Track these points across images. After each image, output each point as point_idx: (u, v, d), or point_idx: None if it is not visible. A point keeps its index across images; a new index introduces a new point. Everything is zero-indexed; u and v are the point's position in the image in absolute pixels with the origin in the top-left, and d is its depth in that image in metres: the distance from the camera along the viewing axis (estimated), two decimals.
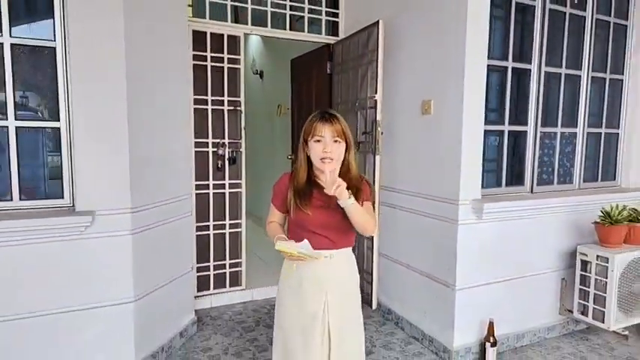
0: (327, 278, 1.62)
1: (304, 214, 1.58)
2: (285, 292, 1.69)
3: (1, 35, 2.00)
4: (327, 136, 1.54)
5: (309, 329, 1.60)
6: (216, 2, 3.16)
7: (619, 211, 2.66)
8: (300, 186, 1.62)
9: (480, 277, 2.59)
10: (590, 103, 3.07)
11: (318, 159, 1.56)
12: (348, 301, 1.67)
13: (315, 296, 1.61)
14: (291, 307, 1.66)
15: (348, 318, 1.67)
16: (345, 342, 1.63)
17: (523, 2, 2.68)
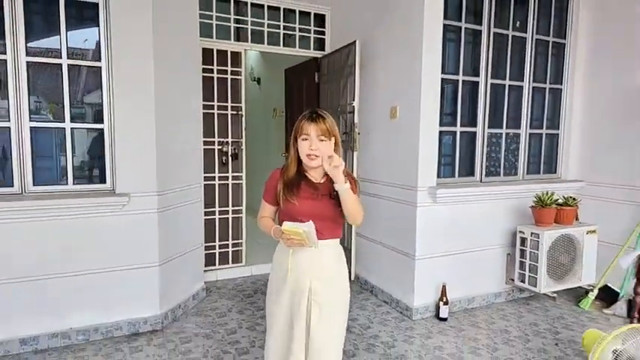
0: (311, 267, 1.72)
1: (291, 204, 1.71)
2: (273, 280, 1.83)
3: (61, 58, 2.70)
4: (313, 134, 1.67)
5: (295, 316, 1.71)
6: (221, 25, 3.87)
7: (549, 196, 3.36)
8: (290, 178, 1.75)
9: (436, 249, 3.28)
10: (533, 109, 3.78)
11: (304, 155, 1.70)
12: (333, 290, 1.76)
13: (300, 284, 1.72)
14: (279, 295, 1.77)
15: (332, 306, 1.75)
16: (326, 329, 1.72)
17: (471, 27, 3.38)
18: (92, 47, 2.81)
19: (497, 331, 3.12)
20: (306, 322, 1.71)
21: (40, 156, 2.75)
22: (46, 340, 2.70)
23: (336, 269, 1.79)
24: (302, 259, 1.72)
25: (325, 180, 1.75)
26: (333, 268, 1.78)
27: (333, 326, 1.76)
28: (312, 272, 1.72)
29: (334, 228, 1.77)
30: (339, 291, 1.80)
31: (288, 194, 1.71)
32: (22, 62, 2.60)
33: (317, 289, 1.72)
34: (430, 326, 3.17)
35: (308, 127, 1.68)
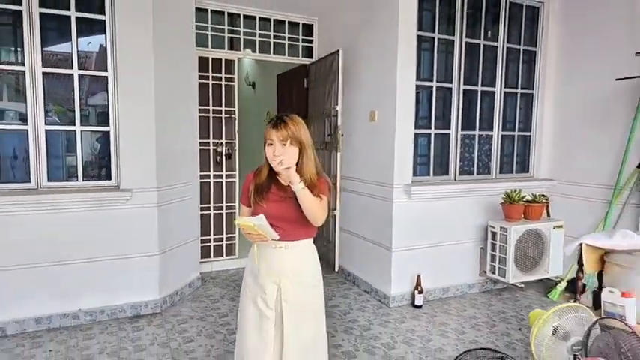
0: (281, 267, 1.80)
1: (260, 206, 1.79)
2: (246, 279, 1.91)
3: (72, 68, 3.11)
4: (276, 140, 1.73)
5: (265, 315, 1.79)
6: (216, 35, 4.27)
7: (516, 194, 3.72)
8: (260, 181, 1.84)
9: (411, 242, 3.65)
10: (505, 112, 4.15)
11: (270, 161, 1.75)
12: (303, 290, 1.83)
13: (270, 284, 1.80)
14: (250, 293, 1.85)
15: (303, 306, 1.82)
16: (300, 329, 1.80)
17: (444, 38, 3.76)
18: (96, 51, 3.22)
19: (467, 317, 3.49)
20: (277, 320, 1.79)
21: (53, 155, 3.15)
22: (58, 319, 3.10)
23: (306, 268, 1.87)
24: (272, 259, 1.81)
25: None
26: (303, 268, 1.85)
27: (306, 324, 1.82)
28: (281, 271, 1.80)
29: (303, 229, 1.82)
30: (310, 289, 1.86)
31: (257, 197, 1.81)
32: (39, 73, 3.01)
33: (286, 288, 1.79)
34: (405, 312, 3.53)
35: (271, 134, 1.75)
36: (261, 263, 1.81)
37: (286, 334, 1.78)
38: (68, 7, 3.05)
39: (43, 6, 2.99)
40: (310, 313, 1.86)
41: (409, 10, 3.45)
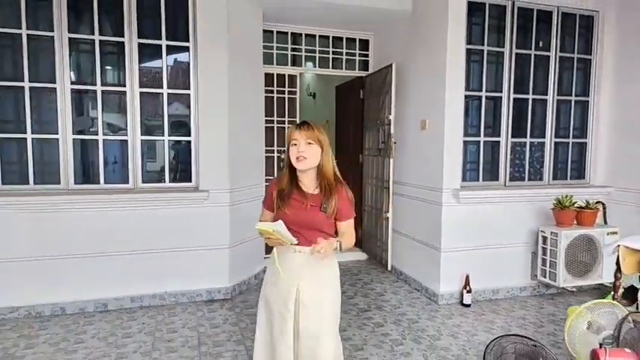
0: (300, 271, 1.88)
1: (283, 212, 1.87)
2: (267, 281, 2.00)
3: (162, 88, 3.73)
4: (300, 139, 1.86)
5: (284, 317, 1.87)
6: (280, 53, 4.78)
7: (568, 199, 3.81)
8: (283, 187, 1.92)
9: (459, 244, 3.87)
10: (559, 120, 4.23)
11: (294, 158, 1.87)
12: (320, 295, 1.90)
13: (289, 287, 1.88)
14: (270, 295, 1.94)
15: (320, 309, 1.89)
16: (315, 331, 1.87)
17: (494, 50, 3.96)
18: (182, 70, 3.82)
19: (515, 317, 3.64)
20: (295, 321, 1.87)
21: (146, 161, 3.78)
22: (148, 299, 3.70)
23: (324, 274, 1.93)
24: (292, 264, 1.88)
25: (318, 192, 1.92)
26: (321, 273, 1.92)
27: (321, 327, 1.89)
28: (300, 275, 1.88)
29: (323, 237, 1.84)
30: (328, 294, 1.93)
31: (280, 202, 1.89)
32: (137, 92, 3.66)
33: (304, 292, 1.87)
34: (453, 310, 3.75)
35: (296, 134, 1.88)
36: (281, 267, 1.88)
37: (301, 335, 1.87)
38: (160, 37, 3.68)
39: (141, 37, 3.64)
40: (326, 315, 1.92)
41: (457, 26, 3.71)
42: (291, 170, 1.93)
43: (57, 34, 3.45)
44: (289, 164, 1.92)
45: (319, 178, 1.91)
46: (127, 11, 3.57)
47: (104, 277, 3.60)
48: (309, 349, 1.88)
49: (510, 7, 3.93)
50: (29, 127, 3.47)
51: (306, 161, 1.85)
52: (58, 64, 3.47)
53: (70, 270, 3.52)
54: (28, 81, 3.43)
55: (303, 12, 4.35)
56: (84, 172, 3.70)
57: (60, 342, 3.07)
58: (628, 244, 2.70)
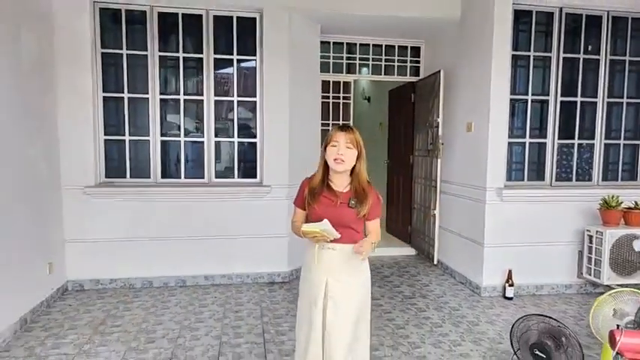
0: (329, 267, 1.98)
1: (313, 208, 1.99)
2: (303, 275, 2.13)
3: (233, 96, 4.35)
4: (341, 141, 1.95)
5: (313, 309, 1.98)
6: (336, 62, 5.27)
7: (614, 199, 3.92)
8: (315, 185, 2.03)
9: (502, 240, 4.10)
10: (610, 122, 4.32)
11: (332, 159, 1.96)
12: (348, 289, 1.99)
13: (319, 282, 1.99)
14: (305, 288, 2.08)
15: (347, 303, 1.98)
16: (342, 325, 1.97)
17: (540, 55, 4.16)
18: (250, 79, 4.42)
19: (557, 310, 3.82)
20: (323, 315, 1.97)
21: (219, 159, 4.42)
22: (219, 278, 4.34)
23: (353, 269, 2.01)
24: (323, 259, 1.99)
25: (348, 190, 2.02)
26: (349, 269, 2.00)
27: (348, 320, 1.98)
28: (329, 271, 1.98)
29: (351, 233, 1.97)
30: (356, 289, 2.02)
31: (310, 199, 2.00)
32: (212, 100, 4.30)
33: (333, 286, 1.97)
34: (495, 302, 4.01)
35: (338, 136, 1.98)
36: (313, 262, 2.00)
37: (329, 328, 1.96)
38: (232, 52, 4.31)
39: (216, 53, 4.28)
40: (354, 310, 2.00)
41: (503, 33, 3.97)
42: (324, 169, 2.04)
43: (150, 52, 4.19)
44: (324, 163, 2.03)
45: (353, 181, 2.02)
46: (205, 32, 4.23)
47: (183, 258, 4.28)
48: (337, 346, 1.95)
49: (558, 13, 4.12)
50: (127, 130, 4.23)
51: (344, 164, 1.96)
52: (150, 78, 4.20)
53: (155, 250, 4.23)
54: (127, 92, 4.19)
55: (357, 24, 4.79)
56: (168, 169, 4.41)
57: (150, 307, 3.76)
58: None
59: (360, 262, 2.04)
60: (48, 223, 3.82)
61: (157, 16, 4.15)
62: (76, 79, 3.99)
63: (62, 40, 3.93)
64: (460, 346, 3.14)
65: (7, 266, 3.11)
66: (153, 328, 3.35)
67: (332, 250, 1.98)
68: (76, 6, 3.95)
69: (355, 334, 2.02)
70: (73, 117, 4.00)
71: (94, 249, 4.13)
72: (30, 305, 3.47)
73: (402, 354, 3.00)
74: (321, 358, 1.98)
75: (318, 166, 2.08)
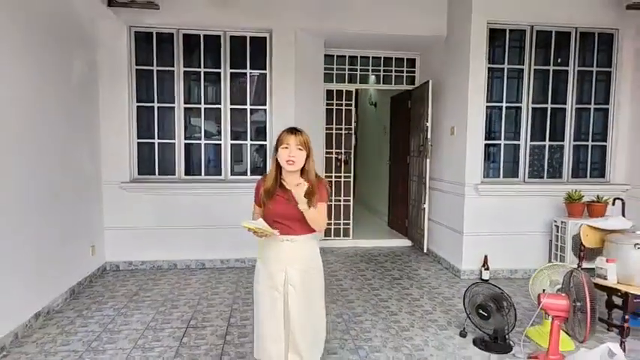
0: (287, 257, 2.18)
1: (267, 207, 2.17)
2: (259, 266, 2.27)
3: (247, 105, 5.10)
4: (292, 144, 2.12)
5: (275, 296, 2.17)
6: (339, 73, 5.97)
7: (577, 194, 4.49)
8: (269, 185, 2.19)
9: (480, 229, 4.72)
10: (579, 125, 4.89)
11: (284, 161, 2.13)
12: (305, 276, 2.19)
13: (278, 271, 2.18)
14: (263, 278, 2.23)
15: (306, 288, 2.18)
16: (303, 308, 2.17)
17: (514, 67, 4.77)
18: (260, 89, 5.17)
19: (524, 290, 4.38)
20: (284, 301, 2.17)
21: (234, 159, 5.18)
22: (233, 262, 5.09)
23: (308, 258, 2.23)
24: (280, 250, 2.19)
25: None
26: (305, 257, 2.22)
27: (309, 305, 2.21)
28: (287, 260, 2.18)
29: (305, 226, 2.17)
30: (311, 275, 2.23)
31: (266, 198, 2.19)
32: (228, 109, 5.07)
33: (292, 275, 2.18)
34: (471, 282, 4.61)
35: (289, 139, 2.15)
36: (270, 254, 2.21)
37: (292, 312, 2.17)
38: (245, 67, 5.07)
39: (232, 67, 5.05)
40: (311, 293, 2.23)
41: (479, 49, 4.60)
42: (277, 169, 2.21)
43: (176, 68, 4.98)
44: (277, 164, 2.20)
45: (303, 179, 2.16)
46: (222, 50, 5.01)
47: (203, 244, 5.04)
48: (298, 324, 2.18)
49: (529, 30, 4.73)
50: (156, 134, 5.03)
51: (295, 164, 2.14)
52: (176, 90, 4.99)
53: (179, 237, 5.00)
54: (157, 102, 4.99)
55: (357, 40, 5.49)
56: (191, 167, 5.19)
57: (174, 284, 4.53)
58: (590, 224, 3.44)
59: (313, 251, 2.28)
60: (91, 212, 4.64)
61: (182, 37, 4.95)
62: (114, 91, 4.82)
63: (103, 58, 4.76)
64: (431, 314, 3.79)
65: (59, 247, 3.93)
66: (177, 298, 4.12)
67: (289, 242, 2.19)
68: (115, 30, 4.77)
69: (315, 314, 2.28)
70: (112, 124, 4.83)
71: (128, 235, 4.93)
72: (77, 279, 4.27)
73: (380, 319, 3.67)
74: (282, 341, 2.19)
75: (270, 167, 2.27)
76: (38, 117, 3.57)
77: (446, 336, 3.38)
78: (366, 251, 5.86)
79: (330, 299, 4.09)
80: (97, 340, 3.24)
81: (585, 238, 3.43)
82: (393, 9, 5.07)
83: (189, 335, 3.34)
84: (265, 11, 4.91)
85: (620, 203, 4.66)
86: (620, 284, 3.08)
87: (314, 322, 2.26)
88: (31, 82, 3.47)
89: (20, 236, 3.30)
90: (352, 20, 5.07)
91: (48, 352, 3.05)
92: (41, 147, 3.61)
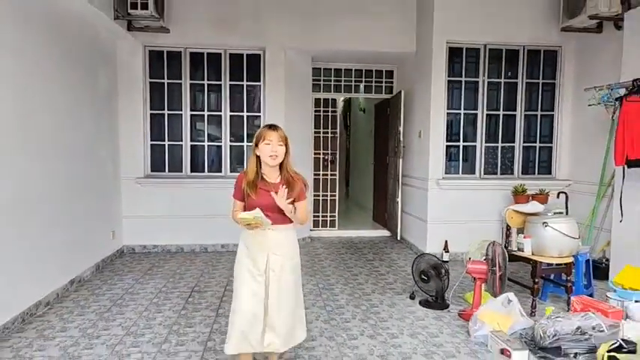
0: (269, 244, 2.40)
1: (252, 198, 2.36)
2: (242, 251, 2.47)
3: (244, 112, 6.03)
4: (274, 139, 2.34)
5: (257, 280, 2.38)
6: (326, 84, 6.90)
7: (521, 187, 5.35)
8: (251, 179, 2.39)
9: (441, 218, 5.58)
10: (528, 129, 5.75)
11: (267, 155, 2.34)
12: (284, 262, 2.43)
13: (261, 257, 2.40)
14: (245, 264, 2.42)
15: (285, 273, 2.42)
16: (283, 291, 2.41)
17: (470, 80, 5.65)
18: (256, 100, 6.10)
19: None
20: (265, 285, 2.38)
21: (233, 159, 6.11)
22: (232, 247, 5.96)
23: (288, 246, 2.47)
24: (262, 238, 2.39)
25: (279, 181, 2.44)
26: (286, 245, 2.46)
27: (288, 289, 2.44)
28: (270, 248, 2.40)
29: (285, 217, 2.37)
30: (289, 261, 2.47)
31: (250, 191, 2.36)
32: (228, 115, 6.00)
33: (273, 260, 2.40)
34: None
35: (270, 134, 2.34)
36: (254, 240, 2.41)
37: (271, 295, 2.39)
38: (242, 79, 5.99)
39: (231, 80, 5.98)
40: (290, 277, 2.47)
41: (440, 64, 5.49)
42: (257, 163, 2.42)
43: (183, 81, 5.92)
44: (257, 158, 2.42)
45: (282, 172, 2.46)
46: (223, 65, 5.94)
47: (205, 231, 5.95)
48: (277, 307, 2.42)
49: (483, 48, 5.61)
50: (166, 137, 5.96)
51: (277, 159, 2.38)
52: (183, 99, 5.93)
53: (186, 225, 5.92)
54: (167, 110, 5.94)
55: (341, 55, 6.40)
56: (195, 165, 6.11)
57: (181, 263, 5.44)
58: (514, 209, 4.30)
59: (293, 239, 2.53)
60: (112, 202, 5.58)
61: (188, 55, 5.89)
62: (131, 101, 5.77)
63: (122, 73, 5.71)
64: (391, 284, 4.66)
65: (86, 231, 4.86)
66: (183, 272, 5.03)
67: (270, 231, 2.41)
68: (132, 49, 5.72)
69: (295, 298, 2.52)
70: (129, 128, 5.77)
71: (142, 223, 5.86)
72: (100, 257, 5.20)
73: (349, 287, 4.55)
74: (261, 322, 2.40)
75: (249, 162, 2.51)
76: (70, 123, 4.50)
77: (399, 299, 4.25)
78: (349, 240, 6.75)
79: (311, 274, 4.98)
80: (121, 299, 4.16)
81: (510, 220, 4.29)
82: (371, 29, 5.96)
83: (193, 297, 4.25)
84: (259, 33, 5.84)
85: (564, 196, 5.52)
86: (533, 255, 3.93)
87: (291, 305, 2.49)
88: (66, 95, 4.40)
89: (57, 220, 4.24)
90: (335, 40, 5.97)
91: (83, 307, 3.97)
92: (74, 148, 4.55)
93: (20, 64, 3.60)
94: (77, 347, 3.17)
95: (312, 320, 3.67)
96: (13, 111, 3.49)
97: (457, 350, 3.20)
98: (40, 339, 3.29)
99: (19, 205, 3.56)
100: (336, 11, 5.89)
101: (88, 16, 4.61)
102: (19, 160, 3.57)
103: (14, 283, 3.50)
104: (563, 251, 3.81)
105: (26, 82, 3.68)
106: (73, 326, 3.53)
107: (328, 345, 3.24)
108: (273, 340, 2.41)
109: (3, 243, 3.36)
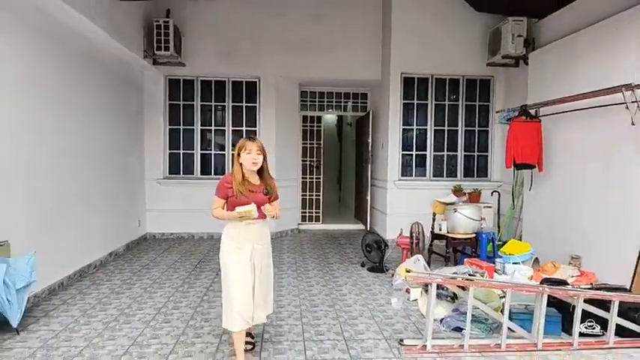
0: (253, 236, 2.95)
1: (244, 196, 2.87)
2: (226, 242, 2.97)
3: (243, 127, 7.61)
4: (254, 149, 2.88)
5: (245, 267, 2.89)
6: (312, 103, 8.46)
7: (458, 187, 6.80)
8: (240, 181, 2.91)
9: (399, 211, 7.03)
10: (468, 141, 7.22)
11: (250, 163, 2.88)
12: (264, 251, 3.02)
13: (247, 247, 2.92)
14: (231, 252, 2.92)
15: (264, 260, 3.02)
16: (263, 275, 2.99)
17: (421, 102, 7.16)
18: (253, 118, 7.67)
19: None
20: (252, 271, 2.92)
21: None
22: None
23: (267, 236, 3.09)
24: (247, 230, 2.92)
25: (260, 183, 3.01)
26: (265, 236, 3.06)
27: (267, 272, 3.07)
28: (253, 239, 2.95)
29: (262, 213, 2.92)
30: (267, 250, 3.06)
31: (242, 190, 2.89)
32: (230, 130, 7.57)
33: (256, 250, 2.96)
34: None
35: (250, 145, 2.88)
36: (239, 232, 2.92)
37: (257, 279, 2.94)
38: (242, 101, 7.58)
39: (233, 102, 7.56)
40: (268, 262, 3.09)
41: (396, 90, 7.01)
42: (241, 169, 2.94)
43: (195, 102, 7.53)
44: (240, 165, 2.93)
45: (262, 176, 3.02)
46: (227, 90, 7.54)
47: (211, 222, 7.43)
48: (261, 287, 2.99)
49: (431, 78, 7.12)
50: (181, 146, 7.55)
51: (257, 165, 2.94)
52: (195, 117, 7.52)
53: (196, 217, 7.43)
54: (182, 125, 7.54)
55: (323, 81, 7.95)
56: (204, 169, 7.67)
57: (192, 246, 6.97)
58: (439, 200, 5.75)
59: (268, 231, 3.11)
60: (138, 198, 7.16)
61: (199, 82, 7.50)
62: (154, 118, 7.37)
63: (147, 97, 7.34)
64: (352, 259, 6.14)
65: (119, 219, 6.43)
66: (193, 251, 6.56)
67: (254, 225, 2.95)
68: (156, 78, 7.35)
69: (270, 278, 3.12)
70: (152, 140, 7.37)
71: (161, 215, 7.42)
72: (130, 239, 6.76)
73: (318, 262, 6.03)
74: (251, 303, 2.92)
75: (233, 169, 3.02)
76: (109, 138, 6.09)
77: (354, 268, 5.73)
78: (330, 232, 8.24)
79: (291, 256, 6.49)
80: (147, 267, 5.70)
81: (435, 209, 5.76)
82: (347, 60, 7.48)
83: (200, 266, 5.78)
84: (255, 65, 7.43)
85: (497, 194, 6.97)
86: (448, 233, 5.38)
87: (270, 285, 3.17)
88: (108, 115, 6.02)
89: (100, 210, 5.82)
90: (318, 68, 7.50)
91: (121, 269, 5.52)
92: (111, 156, 6.15)
93: (82, 95, 5.24)
94: (121, 288, 4.74)
95: (283, 283, 5.18)
96: (77, 132, 5.13)
97: (380, 292, 4.68)
98: (93, 285, 4.85)
99: (74, 199, 5.15)
100: (318, 45, 7.46)
101: (125, 57, 6.26)
102: (79, 165, 5.18)
103: (75, 251, 5.09)
104: (467, 229, 5.27)
105: (82, 110, 5.30)
106: (116, 279, 5.09)
107: (293, 295, 4.73)
108: (260, 315, 3.05)
109: (68, 225, 4.95)
